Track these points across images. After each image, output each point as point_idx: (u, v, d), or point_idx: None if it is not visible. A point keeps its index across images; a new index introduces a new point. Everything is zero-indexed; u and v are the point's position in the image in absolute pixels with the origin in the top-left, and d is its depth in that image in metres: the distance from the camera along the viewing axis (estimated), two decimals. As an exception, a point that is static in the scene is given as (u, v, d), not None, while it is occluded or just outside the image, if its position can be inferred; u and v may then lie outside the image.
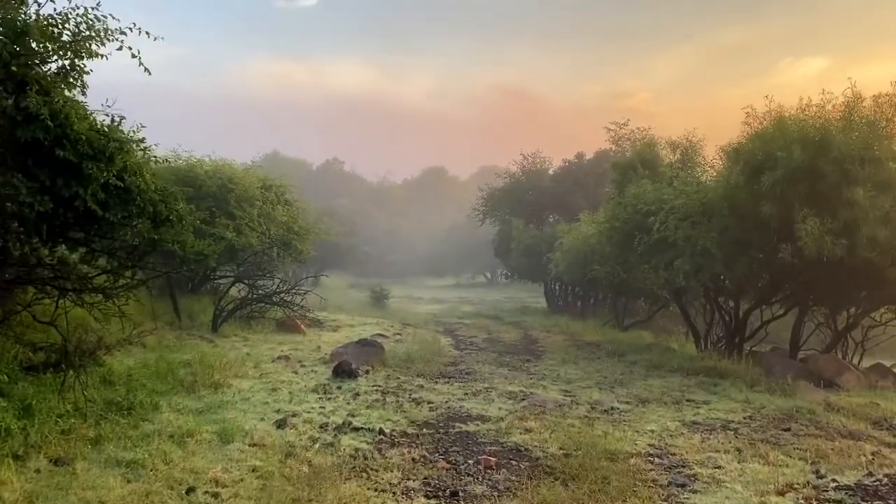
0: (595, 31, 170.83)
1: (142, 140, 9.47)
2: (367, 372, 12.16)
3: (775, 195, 12.29)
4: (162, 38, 8.60)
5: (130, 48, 8.02)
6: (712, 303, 17.53)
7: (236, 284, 18.99)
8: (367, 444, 7.72)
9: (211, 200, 18.47)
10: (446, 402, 10.23)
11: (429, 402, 10.09)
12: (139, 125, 9.41)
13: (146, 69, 8.15)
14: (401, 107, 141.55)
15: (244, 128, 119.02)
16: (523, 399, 10.53)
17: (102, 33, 7.86)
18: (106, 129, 7.94)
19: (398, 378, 11.97)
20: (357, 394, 10.40)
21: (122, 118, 8.93)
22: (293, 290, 18.05)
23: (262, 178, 21.19)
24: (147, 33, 7.95)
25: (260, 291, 18.06)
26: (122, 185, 8.13)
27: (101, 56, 8.08)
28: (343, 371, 11.51)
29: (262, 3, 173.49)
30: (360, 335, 17.80)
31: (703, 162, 18.39)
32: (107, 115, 8.51)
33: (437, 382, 11.88)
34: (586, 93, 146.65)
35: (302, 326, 17.45)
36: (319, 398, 9.98)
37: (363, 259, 53.08)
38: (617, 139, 32.72)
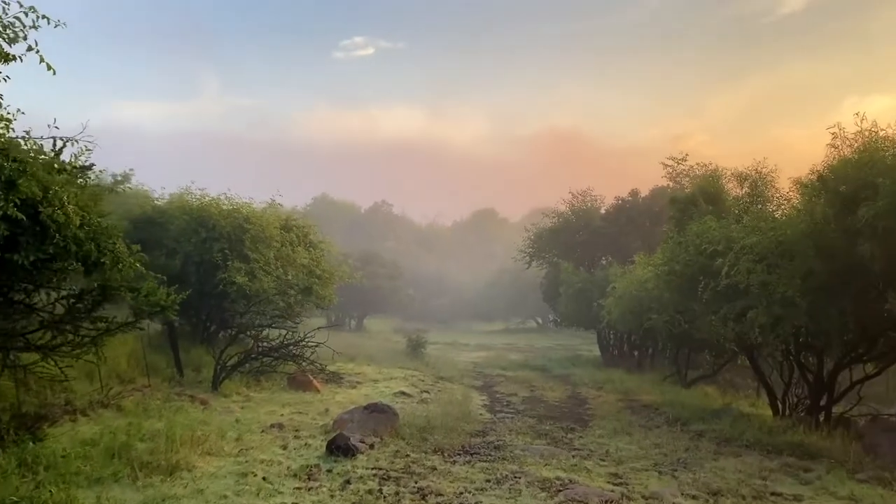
0: (651, 72, 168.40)
1: (87, 167, 7.71)
2: (372, 446, 10.03)
3: (876, 231, 9.86)
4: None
5: (38, 50, 6.28)
6: (792, 359, 14.89)
7: (261, 334, 17.29)
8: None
9: (225, 242, 16.92)
10: (459, 494, 8.01)
11: (437, 496, 7.89)
12: (84, 147, 7.68)
13: (49, 66, 6.36)
14: (453, 150, 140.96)
15: (298, 173, 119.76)
16: (559, 490, 8.24)
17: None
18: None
19: (408, 455, 9.80)
20: (349, 480, 8.28)
21: (65, 141, 7.24)
22: (303, 343, 16.09)
23: (285, 218, 19.59)
24: (58, 23, 6.18)
25: (264, 343, 16.17)
26: (26, 218, 6.33)
27: (12, 58, 6.41)
28: (338, 447, 9.43)
29: (322, 55, 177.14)
30: (382, 394, 15.77)
31: (776, 196, 15.94)
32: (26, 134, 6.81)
33: (455, 462, 9.66)
34: (643, 135, 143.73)
35: (315, 383, 15.47)
36: (298, 488, 7.89)
37: (407, 303, 51.21)
38: (675, 175, 30.33)
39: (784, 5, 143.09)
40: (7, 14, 6.20)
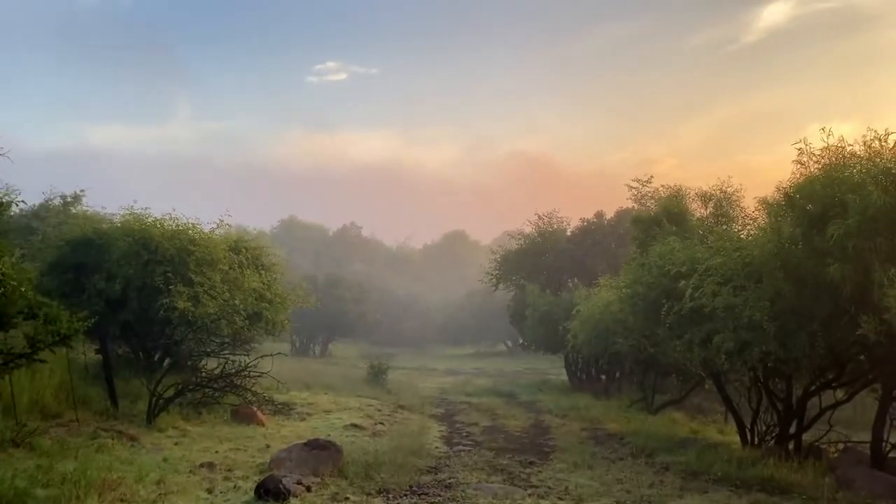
0: (622, 99, 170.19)
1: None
2: (309, 488, 9.14)
3: (846, 251, 9.30)
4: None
5: None
6: (760, 385, 14.31)
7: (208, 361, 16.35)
8: None
9: (168, 265, 16.01)
10: (397, 544, 7.18)
11: (371, 547, 7.05)
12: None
13: None
14: (424, 173, 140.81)
15: (268, 197, 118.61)
16: (508, 538, 7.44)
17: None
18: None
19: (347, 498, 8.93)
20: (274, 531, 7.40)
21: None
22: (245, 372, 15.14)
23: (235, 240, 18.68)
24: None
25: (204, 374, 15.19)
26: None
27: None
28: (268, 490, 8.53)
29: (295, 80, 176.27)
30: (332, 426, 14.89)
31: (741, 215, 15.45)
32: None
33: (398, 505, 8.83)
34: (612, 160, 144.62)
35: (260, 415, 14.51)
36: (212, 542, 7.01)
37: (375, 327, 50.17)
38: (640, 197, 29.95)
39: (749, 33, 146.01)
40: None
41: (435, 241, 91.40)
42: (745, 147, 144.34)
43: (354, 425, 14.95)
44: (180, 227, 17.08)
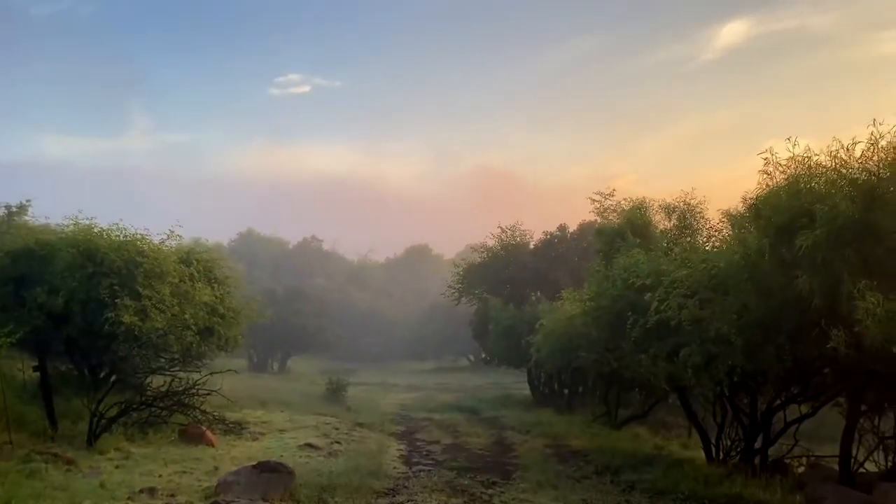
0: (585, 114, 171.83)
1: None
2: (257, 515, 8.56)
3: (814, 263, 9.07)
4: None
5: None
6: (725, 400, 14.09)
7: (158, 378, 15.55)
8: None
9: (115, 277, 15.25)
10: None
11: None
12: None
13: None
14: (387, 187, 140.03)
15: (228, 209, 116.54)
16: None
17: None
18: None
19: (297, 525, 8.38)
20: (215, 565, 6.81)
21: None
22: (193, 390, 14.43)
23: (186, 251, 17.97)
24: None
25: (149, 392, 14.44)
26: None
27: None
28: (211, 520, 7.93)
29: (257, 91, 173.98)
30: (286, 446, 14.24)
31: (705, 227, 15.29)
32: None
33: (351, 532, 8.28)
34: (574, 174, 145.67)
35: (209, 435, 13.80)
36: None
37: (335, 342, 49.32)
38: (602, 211, 29.85)
39: (708, 52, 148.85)
40: None
41: (397, 255, 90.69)
42: (703, 163, 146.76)
43: (309, 445, 14.32)
44: (128, 238, 16.33)
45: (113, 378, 14.90)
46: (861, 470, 11.30)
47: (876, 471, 11.81)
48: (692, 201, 16.40)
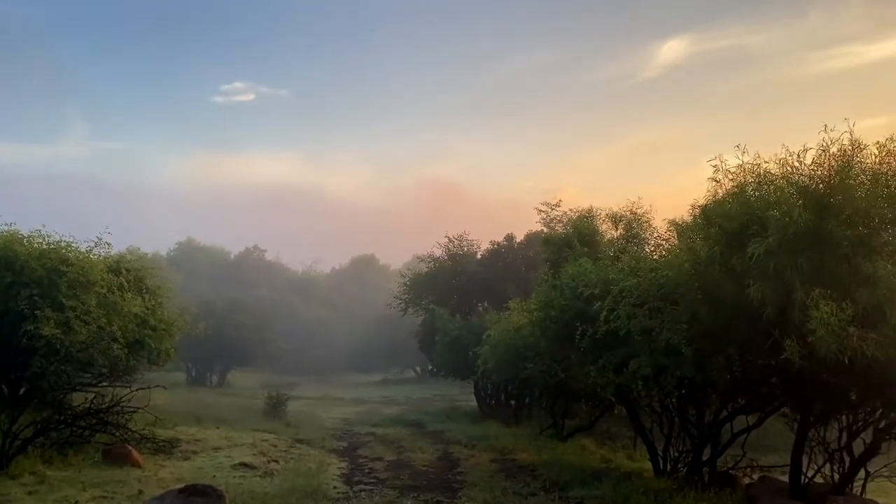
0: (529, 128, 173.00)
1: None
2: (180, 545, 7.85)
3: (766, 271, 8.87)
4: None
5: None
6: (672, 412, 13.90)
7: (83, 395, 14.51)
8: None
9: (35, 287, 14.26)
10: None
11: None
12: None
13: None
14: (333, 197, 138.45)
15: (168, 218, 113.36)
16: None
17: None
18: None
19: (224, 556, 7.70)
20: None
21: None
22: (117, 407, 13.54)
23: (116, 260, 17.00)
24: None
25: (68, 410, 13.48)
26: None
27: None
28: (127, 553, 7.21)
29: (200, 99, 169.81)
30: (219, 466, 13.46)
31: (654, 235, 15.15)
32: None
33: (284, 562, 7.65)
34: (519, 188, 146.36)
35: (135, 455, 12.92)
36: None
37: (277, 355, 48.06)
38: (548, 221, 29.80)
39: (649, 69, 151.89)
40: None
41: (343, 266, 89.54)
42: (643, 178, 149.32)
43: (244, 464, 13.54)
44: (51, 246, 15.33)
45: (29, 395, 13.85)
46: (808, 480, 11.12)
47: (822, 482, 11.70)
48: (638, 210, 16.28)
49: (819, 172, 8.96)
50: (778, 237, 8.72)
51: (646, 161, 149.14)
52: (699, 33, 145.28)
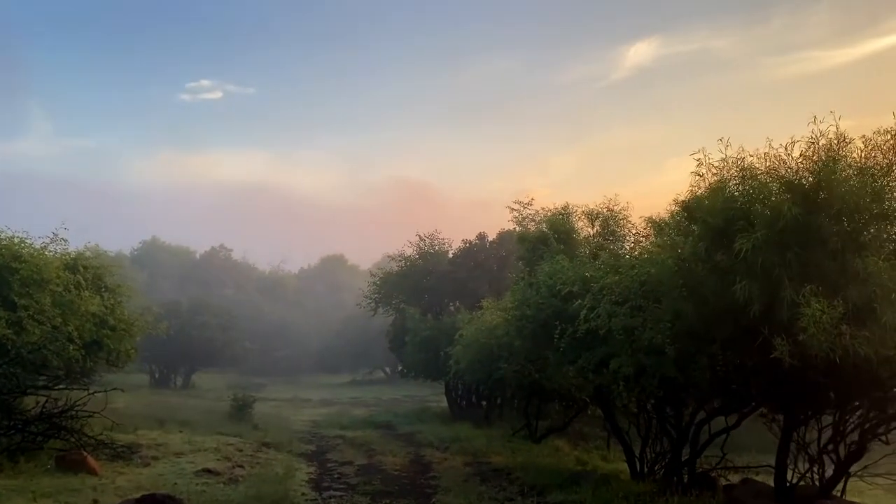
0: (500, 129, 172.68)
1: None
2: (135, 561, 7.29)
3: (753, 267, 8.57)
4: None
5: None
6: (650, 412, 13.62)
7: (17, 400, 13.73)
8: None
9: (-14, 285, 13.52)
10: None
11: None
12: None
13: None
14: (302, 197, 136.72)
15: (132, 218, 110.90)
16: None
17: None
18: None
19: (184, 572, 7.16)
20: None
21: None
22: (71, 412, 12.86)
23: (73, 257, 16.25)
24: None
25: (18, 414, 12.76)
26: None
27: None
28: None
29: (167, 97, 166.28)
30: (181, 472, 12.84)
31: (632, 233, 14.86)
32: None
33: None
34: (490, 188, 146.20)
35: (91, 462, 12.24)
36: None
37: (244, 356, 47.13)
38: (521, 220, 29.51)
39: (617, 71, 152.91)
40: None
41: (312, 265, 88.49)
42: (613, 179, 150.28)
43: (208, 470, 12.92)
44: (2, 242, 14.57)
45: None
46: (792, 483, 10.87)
47: (803, 484, 11.47)
48: (616, 207, 15.97)
49: (808, 165, 8.67)
50: (765, 232, 8.42)
51: (615, 162, 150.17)
52: (666, 36, 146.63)
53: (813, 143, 8.62)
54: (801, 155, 8.74)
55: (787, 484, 10.45)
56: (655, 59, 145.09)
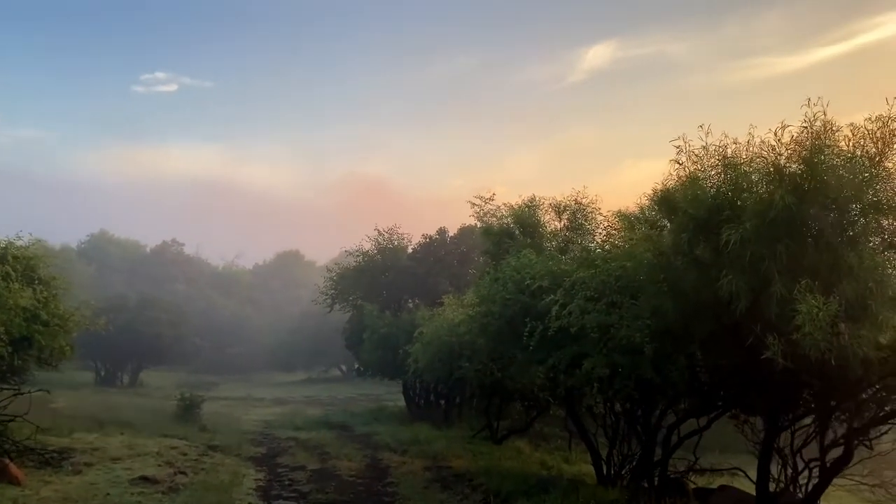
0: (460, 127, 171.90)
1: None
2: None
3: (740, 261, 7.97)
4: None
5: None
6: (621, 415, 13.03)
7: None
8: None
9: None
10: None
11: None
12: None
13: None
14: (258, 191, 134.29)
15: (81, 211, 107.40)
16: None
17: None
18: None
19: None
20: None
21: None
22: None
23: (2, 248, 14.98)
24: None
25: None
26: None
27: None
28: None
29: (119, 88, 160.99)
30: (115, 481, 11.80)
31: (602, 226, 14.27)
32: None
33: None
34: (449, 185, 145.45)
35: (14, 469, 11.11)
36: None
37: (194, 352, 45.60)
38: (483, 215, 28.83)
39: (575, 73, 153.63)
40: None
41: (267, 261, 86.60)
42: (572, 178, 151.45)
43: (145, 478, 11.86)
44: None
45: None
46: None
47: (777, 490, 10.97)
48: (584, 201, 15.35)
49: (798, 151, 8.09)
50: (755, 223, 7.83)
51: (575, 162, 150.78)
52: (623, 39, 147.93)
53: (806, 127, 8.02)
54: (791, 140, 8.14)
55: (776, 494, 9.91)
56: (613, 62, 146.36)
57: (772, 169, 8.12)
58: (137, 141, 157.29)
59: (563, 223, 15.50)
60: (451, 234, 30.39)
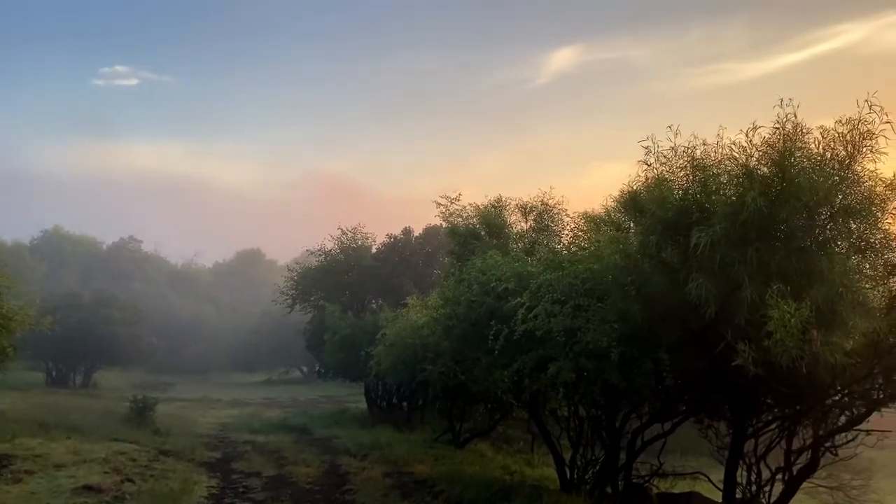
0: (426, 127, 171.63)
1: None
2: None
3: (710, 264, 7.77)
4: None
5: None
6: (587, 419, 12.82)
7: None
8: None
9: None
10: None
11: None
12: None
13: None
14: (218, 189, 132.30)
15: (34, 206, 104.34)
16: None
17: None
18: None
19: None
20: None
21: None
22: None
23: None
24: None
25: None
26: None
27: None
28: None
29: (77, 81, 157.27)
30: (57, 490, 11.17)
31: (569, 227, 14.07)
32: None
33: None
34: (414, 186, 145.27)
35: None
36: None
37: (150, 352, 44.46)
38: (448, 215, 28.54)
39: (541, 76, 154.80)
40: None
41: (227, 260, 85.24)
42: (538, 180, 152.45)
43: (90, 487, 11.26)
44: None
45: None
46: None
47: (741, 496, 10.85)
48: (550, 201, 15.14)
49: (769, 153, 7.92)
50: (725, 225, 7.64)
51: (541, 164, 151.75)
52: (589, 44, 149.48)
53: (778, 128, 7.86)
54: (763, 142, 7.97)
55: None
56: (579, 66, 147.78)
57: (742, 171, 7.95)
58: (96, 135, 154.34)
59: (529, 224, 15.27)
60: (416, 233, 30.05)
